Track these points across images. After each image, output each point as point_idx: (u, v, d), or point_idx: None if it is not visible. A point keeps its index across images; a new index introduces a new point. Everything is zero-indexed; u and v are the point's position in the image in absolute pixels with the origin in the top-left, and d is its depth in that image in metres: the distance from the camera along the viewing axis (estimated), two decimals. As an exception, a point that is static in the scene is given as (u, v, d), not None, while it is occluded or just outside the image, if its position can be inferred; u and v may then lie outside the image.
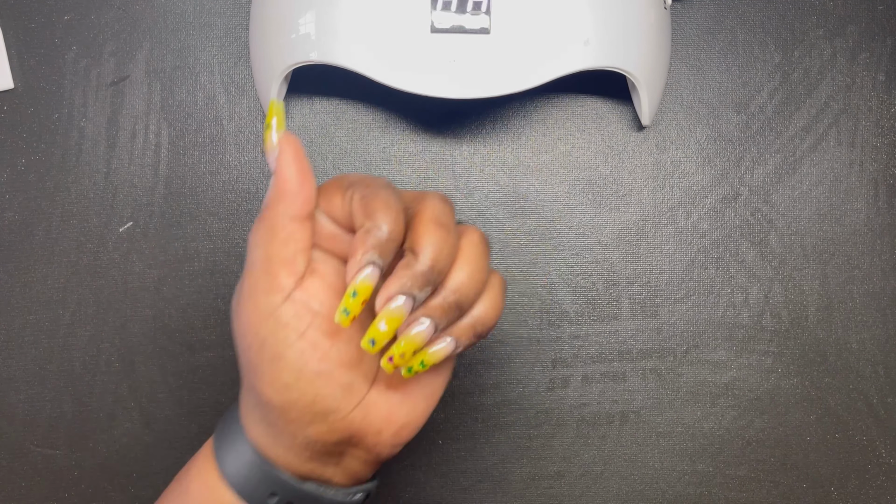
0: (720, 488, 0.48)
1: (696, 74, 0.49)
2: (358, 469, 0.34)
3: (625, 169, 0.48)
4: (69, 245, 0.47)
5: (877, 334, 0.48)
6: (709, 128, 0.49)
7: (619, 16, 0.42)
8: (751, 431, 0.48)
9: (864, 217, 0.48)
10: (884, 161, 0.49)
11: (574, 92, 0.48)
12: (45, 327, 0.47)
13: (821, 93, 0.49)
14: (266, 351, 0.31)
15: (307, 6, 0.41)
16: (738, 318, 0.48)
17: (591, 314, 0.48)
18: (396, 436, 0.33)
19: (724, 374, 0.48)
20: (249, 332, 0.32)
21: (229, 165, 0.48)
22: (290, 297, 0.31)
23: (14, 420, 0.47)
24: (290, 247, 0.31)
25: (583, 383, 0.48)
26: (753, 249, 0.48)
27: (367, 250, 0.30)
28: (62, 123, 0.48)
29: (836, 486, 0.48)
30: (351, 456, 0.34)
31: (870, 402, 0.48)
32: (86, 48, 0.48)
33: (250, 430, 0.33)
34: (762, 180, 0.48)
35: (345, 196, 0.31)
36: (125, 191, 0.47)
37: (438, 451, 0.48)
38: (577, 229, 0.48)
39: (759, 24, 0.49)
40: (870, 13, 0.49)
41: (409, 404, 0.33)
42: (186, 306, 0.47)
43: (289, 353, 0.31)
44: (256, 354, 0.31)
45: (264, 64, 0.44)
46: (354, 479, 0.34)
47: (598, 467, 0.48)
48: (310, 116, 0.48)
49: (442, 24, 0.40)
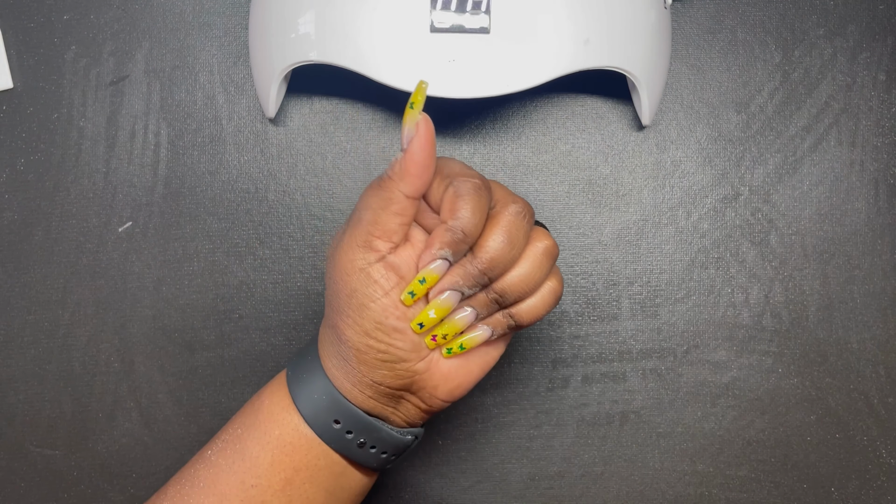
0: (720, 489, 0.48)
1: (697, 74, 0.49)
2: (412, 414, 0.38)
3: (625, 169, 0.48)
4: (69, 245, 0.47)
5: (877, 334, 0.48)
6: (709, 127, 0.49)
7: (619, 16, 0.42)
8: (751, 432, 0.48)
9: (864, 217, 0.48)
10: (884, 161, 0.49)
11: (574, 92, 0.48)
12: (44, 327, 0.47)
13: (821, 92, 0.49)
14: (354, 299, 0.35)
15: (307, 6, 0.41)
16: (739, 318, 0.48)
17: (591, 314, 0.48)
18: (450, 393, 0.37)
19: (724, 375, 0.48)
20: (341, 279, 0.35)
21: (229, 165, 0.48)
22: (385, 259, 0.35)
23: (14, 420, 0.47)
24: (397, 219, 0.35)
25: (583, 383, 0.48)
26: (754, 249, 0.48)
27: (442, 246, 0.34)
28: (61, 123, 0.47)
29: (836, 486, 0.48)
30: (408, 402, 0.38)
31: (870, 403, 0.48)
32: (85, 48, 0.48)
33: (325, 361, 0.37)
34: (762, 180, 0.48)
35: (441, 184, 0.35)
36: (124, 191, 0.47)
37: (438, 451, 0.48)
38: (577, 229, 0.48)
39: (759, 23, 0.49)
40: (870, 13, 0.49)
41: (466, 368, 0.37)
42: (186, 306, 0.47)
43: (373, 306, 0.35)
44: (345, 300, 0.35)
45: (264, 64, 0.44)
46: (407, 422, 0.38)
47: (598, 467, 0.48)
48: (310, 116, 0.48)
49: (442, 23, 0.40)
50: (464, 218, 0.34)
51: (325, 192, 0.48)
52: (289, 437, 0.37)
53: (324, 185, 0.48)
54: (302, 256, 0.48)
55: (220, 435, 0.39)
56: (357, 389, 0.37)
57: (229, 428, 0.39)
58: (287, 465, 0.37)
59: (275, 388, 0.38)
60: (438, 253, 0.34)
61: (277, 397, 0.38)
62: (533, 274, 0.35)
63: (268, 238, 0.48)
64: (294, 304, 0.47)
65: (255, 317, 0.47)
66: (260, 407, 0.38)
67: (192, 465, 0.38)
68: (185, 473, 0.38)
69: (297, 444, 0.37)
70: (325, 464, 0.37)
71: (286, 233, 0.48)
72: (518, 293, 0.36)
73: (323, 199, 0.48)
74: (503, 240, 0.34)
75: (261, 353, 0.47)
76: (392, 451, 0.38)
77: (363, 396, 0.37)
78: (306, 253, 0.48)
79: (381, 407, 0.37)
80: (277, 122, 0.48)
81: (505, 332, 0.37)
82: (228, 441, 0.38)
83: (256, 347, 0.47)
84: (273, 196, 0.48)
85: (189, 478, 0.38)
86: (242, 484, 0.36)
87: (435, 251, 0.34)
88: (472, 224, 0.34)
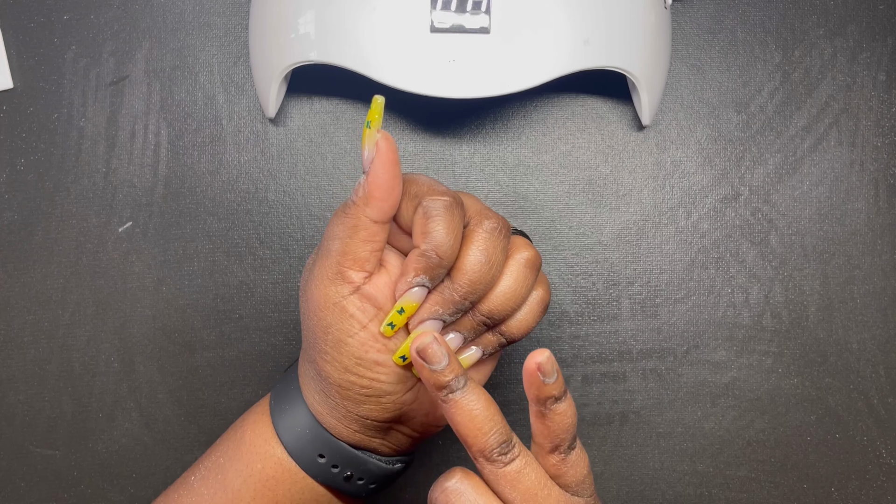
0: (720, 489, 0.48)
1: (697, 74, 0.49)
2: (402, 442, 0.37)
3: (625, 169, 0.48)
4: (69, 245, 0.47)
5: (877, 334, 0.48)
6: (709, 127, 0.49)
7: (619, 16, 0.42)
8: (751, 432, 0.48)
9: (864, 217, 0.48)
10: (884, 161, 0.49)
11: (574, 92, 0.48)
12: (44, 327, 0.47)
13: (821, 92, 0.49)
14: (331, 335, 0.33)
15: (307, 6, 0.41)
16: (739, 318, 0.48)
17: (591, 314, 0.48)
18: (442, 417, 0.35)
19: (724, 375, 0.48)
20: (315, 314, 0.33)
21: (229, 165, 0.48)
22: (359, 290, 0.33)
23: (14, 420, 0.47)
24: (367, 247, 0.33)
25: (583, 384, 0.48)
26: (754, 249, 0.48)
27: (417, 273, 0.32)
28: (61, 123, 0.47)
29: (836, 486, 0.48)
30: (397, 431, 0.36)
31: (870, 403, 0.48)
32: (85, 48, 0.48)
33: (307, 396, 0.35)
34: (762, 180, 0.48)
35: (410, 204, 0.33)
36: (124, 191, 0.47)
37: (438, 451, 0.48)
38: (577, 229, 0.48)
39: (759, 23, 0.49)
40: (870, 13, 0.49)
41: None
42: (186, 306, 0.47)
43: (351, 341, 0.33)
44: (321, 336, 0.33)
45: (264, 64, 0.44)
46: (397, 451, 0.37)
47: (598, 468, 0.48)
48: (310, 116, 0.48)
49: (442, 23, 0.40)
50: (437, 240, 0.31)
51: (325, 192, 0.48)
52: (272, 471, 0.35)
53: (324, 185, 0.48)
54: (302, 256, 0.48)
55: (203, 461, 0.37)
56: (342, 424, 0.35)
57: (212, 455, 0.37)
58: (270, 498, 0.35)
59: (257, 416, 0.37)
60: (414, 280, 0.32)
61: (260, 428, 0.36)
62: (517, 290, 0.33)
63: (268, 238, 0.48)
64: (294, 304, 0.47)
65: (255, 317, 0.47)
66: (242, 437, 0.36)
67: (175, 490, 0.37)
68: (168, 498, 0.37)
69: (280, 477, 0.35)
70: (311, 496, 0.36)
71: (286, 233, 0.48)
72: (504, 312, 0.34)
73: (323, 199, 0.48)
74: (481, 260, 0.32)
75: (261, 353, 0.47)
76: (381, 482, 0.37)
77: (349, 431, 0.35)
78: (306, 253, 0.48)
79: (367, 440, 0.36)
80: (277, 122, 0.48)
81: (496, 349, 0.35)
82: (211, 469, 0.37)
83: (256, 347, 0.47)
84: (273, 196, 0.48)
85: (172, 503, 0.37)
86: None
87: (410, 279, 0.32)
88: (447, 245, 0.32)
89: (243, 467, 0.36)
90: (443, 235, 0.32)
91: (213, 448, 0.38)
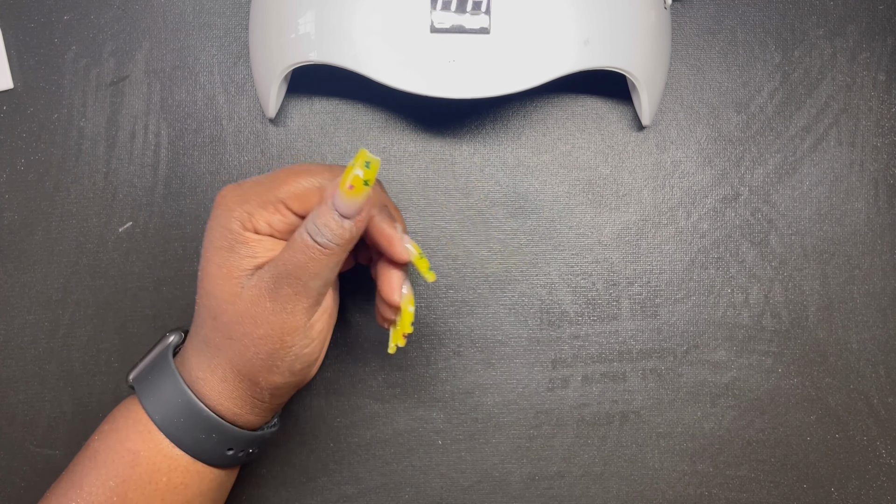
0: (720, 489, 0.48)
1: (697, 74, 0.49)
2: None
3: (625, 169, 0.48)
4: (69, 245, 0.47)
5: (877, 334, 0.48)
6: (709, 128, 0.49)
7: (619, 16, 0.42)
8: (751, 432, 0.48)
9: (864, 217, 0.48)
10: (884, 161, 0.49)
11: (574, 92, 0.48)
12: (44, 327, 0.47)
13: (821, 93, 0.49)
14: (291, 353, 0.35)
15: (307, 6, 0.41)
16: (739, 318, 0.48)
17: (591, 314, 0.48)
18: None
19: (724, 375, 0.48)
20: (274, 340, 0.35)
21: (229, 165, 0.48)
22: (312, 322, 0.36)
23: (14, 420, 0.47)
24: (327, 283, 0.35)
25: (583, 383, 0.48)
26: (754, 249, 0.48)
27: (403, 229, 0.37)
28: (62, 123, 0.47)
29: (836, 486, 0.48)
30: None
31: (870, 403, 0.48)
32: (85, 48, 0.48)
33: (218, 406, 0.36)
34: (762, 180, 0.48)
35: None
36: (125, 191, 0.47)
37: (438, 451, 0.48)
38: (577, 229, 0.48)
39: (759, 23, 0.49)
40: (870, 13, 0.49)
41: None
42: (186, 306, 0.47)
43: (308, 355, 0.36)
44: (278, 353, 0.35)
45: (264, 64, 0.44)
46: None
47: (598, 468, 0.48)
48: (310, 116, 0.48)
49: (442, 23, 0.40)
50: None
51: (326, 192, 0.48)
52: (179, 479, 0.36)
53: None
54: (302, 256, 0.48)
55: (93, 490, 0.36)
56: (260, 418, 0.38)
57: (103, 482, 0.36)
58: (181, 500, 0.37)
59: (145, 436, 0.36)
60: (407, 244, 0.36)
61: (153, 445, 0.36)
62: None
63: (268, 238, 0.48)
64: (294, 304, 0.47)
65: (256, 317, 0.47)
66: (136, 460, 0.36)
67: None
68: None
69: (188, 482, 0.36)
70: (218, 483, 0.38)
71: (286, 233, 0.48)
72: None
73: (323, 200, 0.48)
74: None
75: (261, 353, 0.47)
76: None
77: (260, 420, 0.38)
78: (306, 253, 0.48)
79: (262, 420, 0.38)
80: (277, 122, 0.48)
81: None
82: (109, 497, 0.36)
83: (256, 347, 0.47)
84: (273, 196, 0.48)
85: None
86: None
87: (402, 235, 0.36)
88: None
89: (145, 485, 0.36)
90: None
91: (95, 474, 0.36)
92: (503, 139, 0.48)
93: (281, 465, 0.47)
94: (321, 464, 0.47)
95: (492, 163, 0.48)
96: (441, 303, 0.47)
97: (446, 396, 0.47)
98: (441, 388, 0.47)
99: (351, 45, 0.41)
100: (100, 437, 0.37)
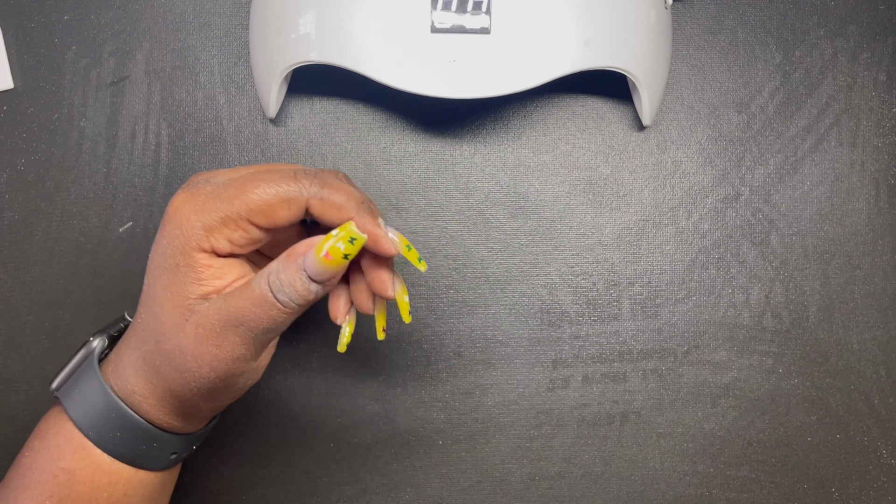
0: (721, 489, 0.48)
1: (697, 74, 0.49)
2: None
3: (625, 169, 0.48)
4: (69, 245, 0.47)
5: (878, 335, 0.48)
6: (710, 128, 0.49)
7: (620, 16, 0.42)
8: (751, 432, 0.48)
9: (865, 217, 0.48)
10: (885, 161, 0.49)
11: (574, 92, 0.48)
12: (44, 327, 0.47)
13: (822, 93, 0.49)
14: (234, 387, 0.35)
15: (307, 6, 0.41)
16: (739, 318, 0.48)
17: (592, 314, 0.48)
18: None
19: (724, 375, 0.48)
20: (217, 380, 0.33)
21: (229, 165, 0.48)
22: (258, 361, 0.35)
23: (14, 420, 0.47)
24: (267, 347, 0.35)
25: (583, 384, 0.48)
26: (754, 250, 0.48)
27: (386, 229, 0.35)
28: (62, 123, 0.47)
29: (836, 486, 0.48)
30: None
31: (871, 403, 0.48)
32: (85, 48, 0.48)
33: (157, 417, 0.35)
34: (763, 180, 0.48)
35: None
36: (125, 191, 0.47)
37: (438, 451, 0.48)
38: (577, 229, 0.48)
39: (759, 23, 0.49)
40: (871, 13, 0.49)
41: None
42: (186, 306, 0.47)
43: (253, 381, 0.36)
44: (219, 388, 0.34)
45: (264, 64, 0.44)
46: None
47: (598, 468, 0.48)
48: (310, 116, 0.48)
49: (442, 23, 0.40)
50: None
51: (326, 192, 0.48)
52: (121, 491, 0.35)
53: (324, 186, 0.48)
54: (302, 256, 0.48)
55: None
56: (201, 425, 0.37)
57: (39, 503, 0.34)
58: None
59: (80, 454, 0.35)
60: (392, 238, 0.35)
61: (90, 462, 0.35)
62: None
63: (268, 238, 0.48)
64: (294, 304, 0.47)
65: (256, 317, 0.47)
66: (73, 479, 0.34)
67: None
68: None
69: (130, 491, 0.36)
70: (162, 481, 0.38)
71: (286, 233, 0.48)
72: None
73: (323, 200, 0.48)
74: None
75: (261, 354, 0.47)
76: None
77: (201, 425, 0.38)
78: (306, 253, 0.48)
79: (197, 424, 0.38)
80: (278, 122, 0.48)
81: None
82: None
83: (257, 347, 0.47)
84: (273, 196, 0.48)
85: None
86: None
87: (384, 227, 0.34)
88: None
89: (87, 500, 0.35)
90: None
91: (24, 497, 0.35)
92: (504, 139, 0.48)
93: (281, 465, 0.47)
94: (321, 464, 0.47)
95: (492, 163, 0.48)
96: (441, 303, 0.47)
97: (446, 396, 0.47)
98: (441, 388, 0.47)
99: (351, 45, 0.41)
100: (31, 455, 0.35)
